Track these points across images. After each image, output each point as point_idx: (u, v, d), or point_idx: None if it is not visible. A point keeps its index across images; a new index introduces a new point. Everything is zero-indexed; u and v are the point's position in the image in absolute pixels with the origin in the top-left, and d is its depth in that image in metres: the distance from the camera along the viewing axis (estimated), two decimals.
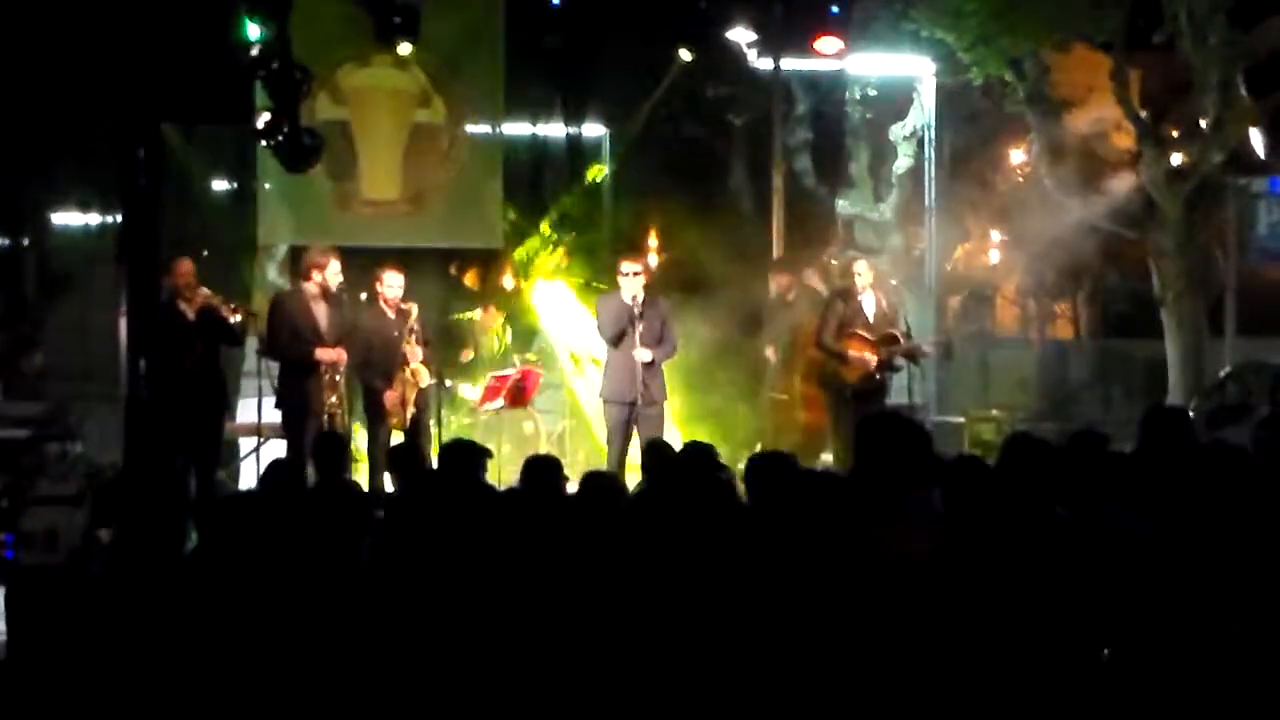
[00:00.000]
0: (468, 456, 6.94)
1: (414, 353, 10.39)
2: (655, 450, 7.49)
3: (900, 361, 11.25)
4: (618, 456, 10.40)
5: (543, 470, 6.14)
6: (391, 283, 10.49)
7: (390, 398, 10.30)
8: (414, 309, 10.51)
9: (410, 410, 10.37)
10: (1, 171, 12.96)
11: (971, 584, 4.31)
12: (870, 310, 11.07)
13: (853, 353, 10.96)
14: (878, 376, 11.06)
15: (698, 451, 6.68)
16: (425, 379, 10.53)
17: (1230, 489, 4.87)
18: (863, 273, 11.24)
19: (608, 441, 10.65)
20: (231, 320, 10.06)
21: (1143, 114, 13.73)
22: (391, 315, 10.47)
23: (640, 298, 10.25)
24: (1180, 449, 5.80)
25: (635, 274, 10.32)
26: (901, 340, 11.05)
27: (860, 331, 10.98)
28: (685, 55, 12.80)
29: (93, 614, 4.47)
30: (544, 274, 13.83)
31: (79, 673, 4.14)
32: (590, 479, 5.81)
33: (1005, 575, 4.37)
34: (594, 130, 13.96)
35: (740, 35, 13.03)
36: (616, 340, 10.32)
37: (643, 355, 10.17)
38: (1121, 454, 5.89)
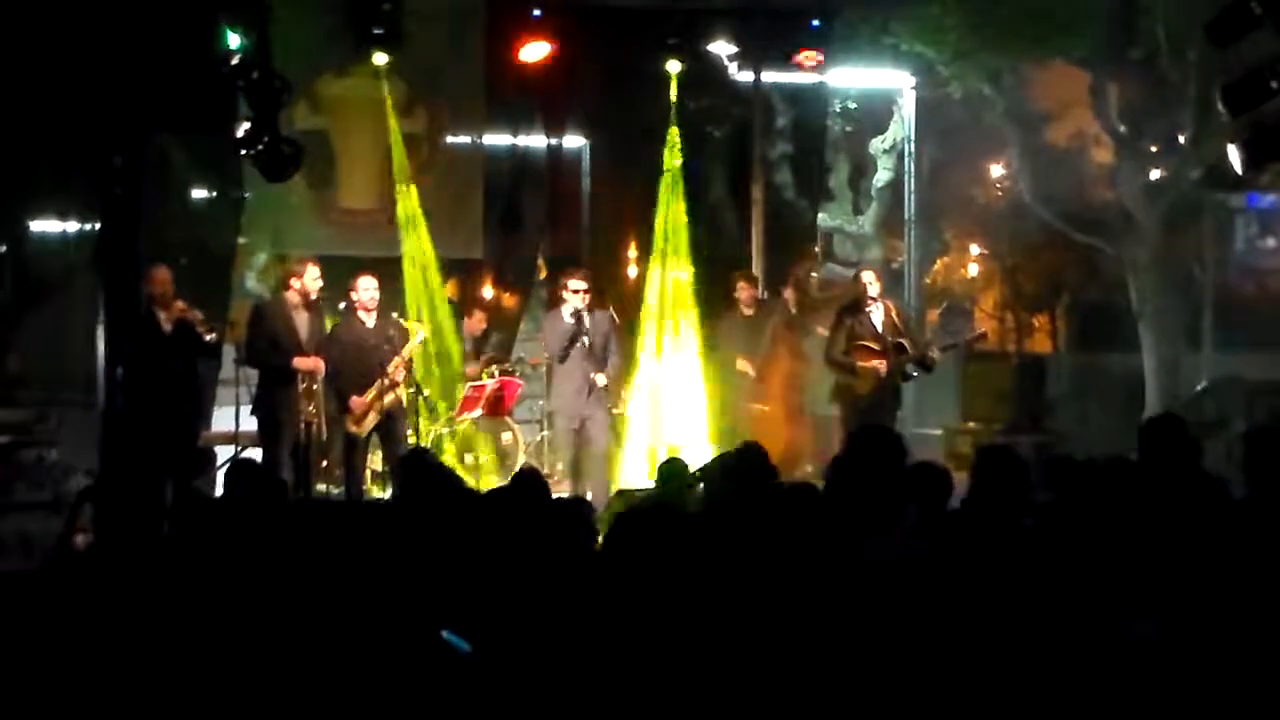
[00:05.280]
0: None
1: (393, 360, 10.40)
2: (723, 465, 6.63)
3: (912, 369, 11.17)
4: (570, 466, 10.70)
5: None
6: (366, 287, 10.49)
7: (356, 402, 10.28)
8: (417, 330, 10.75)
9: (376, 418, 10.35)
10: None
11: (963, 592, 4.33)
12: (879, 321, 10.92)
13: (861, 363, 10.85)
14: (891, 385, 10.96)
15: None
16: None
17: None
18: (871, 283, 11.08)
19: (558, 450, 11.29)
20: (206, 339, 10.05)
21: (1121, 128, 13.77)
22: (370, 323, 10.45)
23: (584, 314, 10.53)
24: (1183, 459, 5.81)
25: (577, 291, 10.58)
26: (910, 349, 10.95)
27: (868, 343, 10.83)
28: (674, 67, 12.77)
29: (66, 621, 4.46)
30: None
31: (52, 678, 4.13)
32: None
33: (989, 584, 4.39)
34: (574, 141, 13.96)
35: (721, 48, 13.06)
36: (564, 357, 10.65)
37: (599, 379, 10.68)
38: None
